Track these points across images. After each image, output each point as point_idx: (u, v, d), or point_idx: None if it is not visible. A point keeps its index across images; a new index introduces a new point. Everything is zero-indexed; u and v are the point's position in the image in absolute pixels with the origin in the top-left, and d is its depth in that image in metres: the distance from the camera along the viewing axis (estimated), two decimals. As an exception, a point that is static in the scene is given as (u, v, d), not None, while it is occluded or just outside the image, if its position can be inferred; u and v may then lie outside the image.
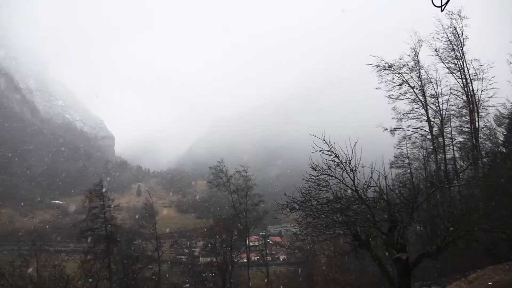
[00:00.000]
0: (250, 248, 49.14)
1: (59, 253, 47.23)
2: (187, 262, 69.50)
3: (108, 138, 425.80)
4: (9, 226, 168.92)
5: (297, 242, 15.67)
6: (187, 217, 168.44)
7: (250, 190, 42.46)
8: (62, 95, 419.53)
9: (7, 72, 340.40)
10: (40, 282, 28.75)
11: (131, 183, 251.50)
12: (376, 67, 30.02)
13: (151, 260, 39.93)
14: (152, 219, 42.35)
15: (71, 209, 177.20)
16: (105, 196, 35.54)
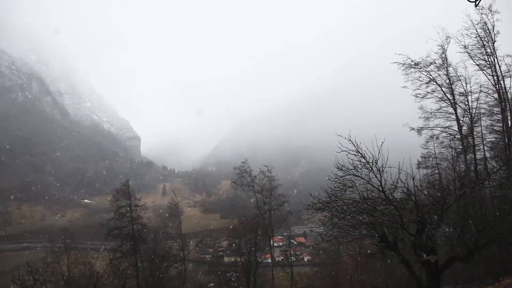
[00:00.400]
0: (274, 249, 49.02)
1: (88, 251, 48.52)
2: (211, 261, 70.08)
3: (134, 138, 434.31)
4: (41, 223, 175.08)
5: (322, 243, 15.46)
6: (212, 217, 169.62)
7: (274, 190, 42.35)
8: (90, 97, 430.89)
9: (39, 76, 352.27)
10: (70, 278, 29.59)
11: (157, 183, 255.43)
12: (402, 66, 29.36)
13: (177, 259, 40.37)
14: (177, 219, 42.82)
15: (99, 208, 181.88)
16: (131, 195, 36.13)
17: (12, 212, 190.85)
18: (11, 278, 28.89)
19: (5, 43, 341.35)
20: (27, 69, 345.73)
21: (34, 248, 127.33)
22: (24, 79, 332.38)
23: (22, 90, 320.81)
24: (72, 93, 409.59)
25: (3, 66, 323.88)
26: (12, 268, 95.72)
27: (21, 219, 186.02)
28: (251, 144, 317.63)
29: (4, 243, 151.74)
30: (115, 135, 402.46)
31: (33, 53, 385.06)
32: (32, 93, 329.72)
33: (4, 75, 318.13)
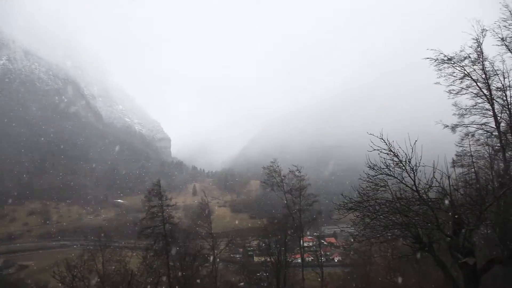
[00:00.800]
0: (304, 249, 48.58)
1: (122, 249, 49.70)
2: (241, 261, 70.34)
3: (164, 140, 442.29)
4: (77, 222, 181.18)
5: (354, 243, 15.14)
6: (241, 217, 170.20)
7: (304, 190, 41.96)
8: (121, 100, 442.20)
9: (74, 80, 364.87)
10: (105, 275, 30.42)
11: (187, 183, 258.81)
12: (434, 61, 28.37)
13: (207, 258, 40.77)
14: (208, 218, 43.13)
15: (131, 207, 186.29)
16: (163, 195, 36.67)
17: (50, 211, 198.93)
18: (52, 273, 30.09)
19: (44, 51, 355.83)
20: (63, 74, 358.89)
21: (71, 246, 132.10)
22: (60, 84, 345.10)
23: (58, 94, 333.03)
24: (105, 96, 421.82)
25: (41, 72, 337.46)
26: (51, 264, 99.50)
27: (59, 218, 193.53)
28: (280, 143, 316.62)
29: (44, 240, 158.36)
30: (146, 137, 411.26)
31: (68, 59, 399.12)
32: (67, 97, 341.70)
33: (42, 80, 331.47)
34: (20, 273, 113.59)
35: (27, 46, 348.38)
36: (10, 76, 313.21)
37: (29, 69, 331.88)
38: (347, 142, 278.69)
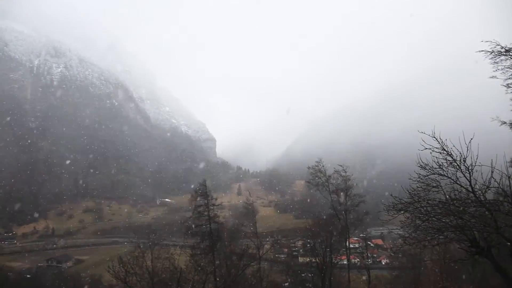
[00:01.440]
0: (350, 250, 47.53)
1: (170, 247, 51.06)
2: (286, 261, 70.11)
3: (210, 140, 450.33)
4: (128, 220, 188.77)
5: (404, 246, 14.43)
6: (286, 217, 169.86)
7: (349, 190, 40.97)
8: (168, 102, 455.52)
9: (123, 84, 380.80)
10: (154, 272, 31.36)
11: (232, 183, 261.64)
12: (490, 54, 26.65)
13: (252, 257, 40.91)
14: (253, 218, 43.31)
15: (178, 206, 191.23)
16: (208, 195, 37.16)
17: (103, 209, 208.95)
18: (106, 268, 31.51)
19: (96, 57, 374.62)
20: (114, 78, 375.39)
21: (122, 242, 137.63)
22: (111, 88, 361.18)
23: (109, 98, 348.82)
24: (153, 99, 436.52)
25: (94, 77, 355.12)
26: (104, 259, 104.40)
27: (111, 216, 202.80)
28: (324, 143, 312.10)
29: (97, 236, 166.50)
30: (192, 137, 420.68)
31: (118, 64, 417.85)
32: (118, 100, 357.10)
33: (95, 85, 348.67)
34: (76, 266, 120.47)
35: (81, 54, 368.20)
36: (67, 82, 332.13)
37: (83, 75, 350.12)
38: (394, 141, 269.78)
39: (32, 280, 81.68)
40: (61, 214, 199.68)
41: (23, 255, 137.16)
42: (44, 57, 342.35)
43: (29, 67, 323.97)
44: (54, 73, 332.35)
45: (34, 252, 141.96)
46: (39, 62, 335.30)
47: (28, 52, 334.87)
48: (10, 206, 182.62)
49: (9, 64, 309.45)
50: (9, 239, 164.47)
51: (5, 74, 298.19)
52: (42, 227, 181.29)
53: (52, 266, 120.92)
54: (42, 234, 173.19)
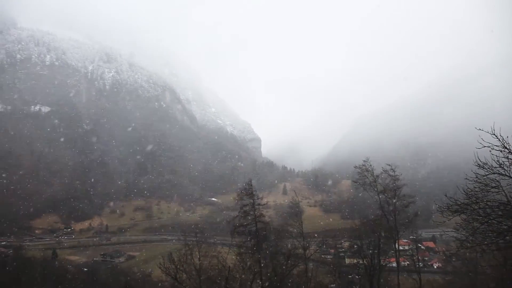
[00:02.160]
0: (400, 253, 45.87)
1: (216, 245, 51.90)
2: (333, 262, 68.96)
3: (255, 140, 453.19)
4: (176, 219, 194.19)
5: (460, 249, 13.61)
6: (332, 217, 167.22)
7: (398, 190, 39.47)
8: (214, 103, 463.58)
9: (170, 86, 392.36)
10: (201, 269, 32.01)
11: (277, 182, 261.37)
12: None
13: (298, 258, 40.62)
14: (299, 218, 42.93)
15: (224, 205, 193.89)
16: (254, 194, 37.23)
17: (152, 208, 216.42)
18: (158, 265, 32.68)
19: (145, 61, 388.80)
20: (161, 81, 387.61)
21: (171, 240, 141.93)
22: (159, 90, 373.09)
23: (157, 100, 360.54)
24: (199, 100, 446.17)
25: (143, 80, 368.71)
26: (154, 256, 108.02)
27: (160, 214, 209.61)
28: (371, 141, 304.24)
29: (147, 234, 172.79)
30: (237, 138, 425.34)
31: (165, 67, 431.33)
32: (165, 102, 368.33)
33: (144, 88, 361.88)
34: (128, 262, 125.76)
35: (131, 59, 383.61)
36: (118, 86, 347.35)
37: (133, 79, 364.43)
38: (446, 139, 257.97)
39: (89, 274, 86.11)
40: (113, 212, 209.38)
41: (80, 250, 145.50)
42: (97, 63, 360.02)
43: (84, 73, 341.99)
44: (106, 77, 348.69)
45: (90, 247, 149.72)
46: (92, 68, 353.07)
47: (83, 59, 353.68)
48: (68, 203, 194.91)
49: (66, 70, 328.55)
50: (68, 234, 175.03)
51: (63, 80, 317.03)
52: (97, 223, 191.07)
53: (106, 261, 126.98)
54: (97, 230, 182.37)
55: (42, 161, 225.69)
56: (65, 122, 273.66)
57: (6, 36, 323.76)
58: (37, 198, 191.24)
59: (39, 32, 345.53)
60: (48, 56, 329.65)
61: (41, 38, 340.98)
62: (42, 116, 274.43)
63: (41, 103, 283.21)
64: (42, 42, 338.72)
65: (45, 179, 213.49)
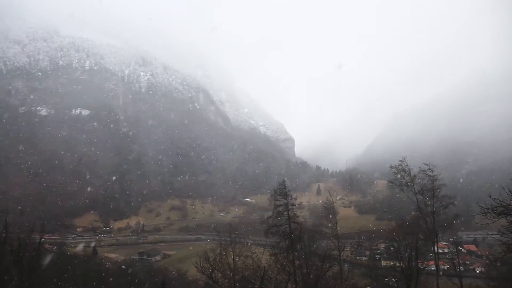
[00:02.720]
0: (439, 256, 44.38)
1: (250, 246, 52.08)
2: (368, 264, 67.60)
3: (288, 140, 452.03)
4: (210, 218, 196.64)
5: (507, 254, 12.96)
6: (367, 218, 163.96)
7: (437, 191, 38.19)
8: (247, 104, 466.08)
9: (204, 88, 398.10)
10: (236, 269, 32.27)
11: (311, 182, 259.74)
12: None
13: (333, 259, 40.16)
14: (333, 219, 42.41)
15: (258, 206, 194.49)
16: (288, 195, 37.10)
17: (187, 207, 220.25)
18: (193, 263, 33.27)
19: (179, 64, 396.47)
20: (195, 83, 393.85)
21: (205, 239, 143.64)
22: (193, 92, 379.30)
23: (192, 102, 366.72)
24: (232, 101, 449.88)
25: (177, 82, 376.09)
26: (189, 255, 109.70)
27: (194, 214, 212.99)
28: (407, 140, 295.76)
29: (182, 233, 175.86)
30: (270, 138, 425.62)
31: (199, 69, 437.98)
32: (199, 104, 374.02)
33: (178, 90, 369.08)
34: (164, 260, 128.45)
35: (165, 62, 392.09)
36: (153, 89, 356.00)
37: (168, 82, 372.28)
38: (488, 137, 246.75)
39: (126, 271, 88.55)
40: (150, 212, 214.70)
41: (118, 248, 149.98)
42: (133, 66, 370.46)
43: (120, 76, 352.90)
44: (142, 80, 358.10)
45: (127, 245, 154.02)
46: (129, 71, 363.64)
47: (120, 63, 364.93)
48: (107, 203, 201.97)
49: (104, 75, 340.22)
50: (107, 233, 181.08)
51: (101, 84, 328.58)
52: (134, 223, 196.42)
53: (143, 259, 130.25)
54: (134, 229, 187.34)
55: (82, 162, 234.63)
56: (104, 125, 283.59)
57: (49, 44, 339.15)
58: (79, 198, 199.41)
59: (79, 39, 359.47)
60: (88, 62, 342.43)
61: (81, 44, 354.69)
62: (82, 119, 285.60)
63: (81, 107, 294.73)
64: (82, 48, 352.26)
65: (85, 180, 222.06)
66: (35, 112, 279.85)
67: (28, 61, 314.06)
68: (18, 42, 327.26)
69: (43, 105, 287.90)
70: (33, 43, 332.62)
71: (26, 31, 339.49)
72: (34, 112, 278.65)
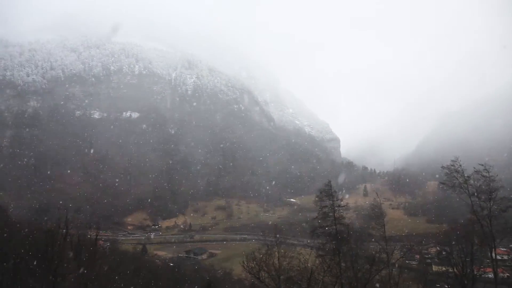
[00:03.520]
0: (497, 263, 41.78)
1: (295, 246, 51.80)
2: (418, 268, 65.10)
3: (334, 140, 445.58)
4: (255, 219, 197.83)
5: None
6: (417, 220, 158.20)
7: (494, 192, 35.97)
8: (291, 104, 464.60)
9: (248, 89, 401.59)
10: (281, 269, 32.22)
11: (357, 183, 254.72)
12: None
13: (380, 262, 39.06)
14: (381, 221, 41.26)
15: (303, 206, 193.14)
16: (334, 195, 36.57)
17: (232, 207, 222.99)
18: (240, 263, 33.66)
19: (223, 66, 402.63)
20: (240, 84, 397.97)
21: (250, 239, 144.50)
22: (238, 93, 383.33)
23: (236, 103, 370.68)
24: (276, 101, 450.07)
25: (222, 84, 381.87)
26: (234, 254, 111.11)
27: (239, 214, 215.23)
28: (460, 139, 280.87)
29: (228, 233, 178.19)
30: (316, 138, 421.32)
31: (243, 70, 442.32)
32: (244, 105, 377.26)
33: (223, 92, 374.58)
34: (210, 259, 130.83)
35: (210, 64, 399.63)
36: (199, 91, 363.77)
37: (213, 83, 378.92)
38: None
39: (174, 268, 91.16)
40: (196, 211, 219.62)
41: (166, 246, 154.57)
42: (180, 70, 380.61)
43: (168, 80, 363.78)
44: (188, 83, 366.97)
45: (175, 244, 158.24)
46: (175, 74, 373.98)
47: (167, 66, 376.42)
48: (156, 202, 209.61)
49: (152, 78, 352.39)
50: (156, 231, 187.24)
51: (149, 88, 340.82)
52: (181, 222, 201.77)
53: (190, 257, 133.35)
54: (181, 228, 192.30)
55: (132, 163, 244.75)
56: (152, 127, 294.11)
57: (102, 50, 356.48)
58: (129, 197, 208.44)
59: (128, 45, 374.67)
60: (137, 66, 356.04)
61: (130, 50, 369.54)
62: (132, 122, 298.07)
63: (131, 110, 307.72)
64: (132, 53, 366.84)
65: (135, 179, 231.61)
66: (90, 115, 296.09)
67: (83, 67, 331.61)
68: (74, 50, 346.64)
69: (96, 109, 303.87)
70: (87, 51, 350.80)
71: (81, 40, 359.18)
72: (88, 116, 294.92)
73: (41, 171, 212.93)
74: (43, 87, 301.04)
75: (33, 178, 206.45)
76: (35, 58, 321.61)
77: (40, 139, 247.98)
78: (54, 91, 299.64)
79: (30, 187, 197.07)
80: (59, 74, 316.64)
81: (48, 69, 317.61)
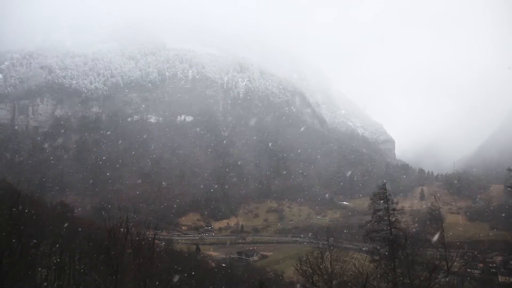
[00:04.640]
0: None
1: (348, 250, 50.77)
2: (482, 278, 61.31)
3: (388, 142, 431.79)
4: (307, 221, 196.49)
5: None
6: (479, 226, 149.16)
7: None
8: (343, 105, 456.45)
9: (300, 91, 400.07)
10: (334, 273, 31.77)
11: (413, 186, 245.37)
12: None
13: (439, 270, 37.23)
14: (439, 226, 39.34)
15: (356, 210, 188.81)
16: (389, 199, 35.50)
17: (284, 210, 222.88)
18: (294, 266, 33.73)
19: (274, 68, 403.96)
20: (291, 86, 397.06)
21: (302, 242, 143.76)
22: (289, 96, 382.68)
23: (288, 105, 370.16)
24: (328, 103, 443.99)
25: (273, 87, 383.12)
26: (286, 257, 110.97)
27: (291, 216, 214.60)
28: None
29: (279, 235, 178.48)
30: (369, 139, 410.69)
31: (294, 72, 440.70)
32: (295, 107, 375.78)
33: (274, 94, 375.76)
34: (262, 261, 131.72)
35: (261, 67, 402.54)
36: (251, 94, 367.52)
37: (264, 86, 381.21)
38: None
39: (227, 269, 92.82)
40: (248, 213, 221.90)
41: (219, 246, 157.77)
42: (232, 73, 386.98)
43: (220, 83, 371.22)
44: (240, 86, 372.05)
45: (227, 245, 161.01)
46: (228, 78, 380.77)
47: (219, 71, 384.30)
48: (209, 204, 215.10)
49: (205, 83, 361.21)
50: (209, 232, 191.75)
51: (202, 91, 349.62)
52: (233, 223, 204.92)
53: (242, 258, 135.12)
54: (233, 229, 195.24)
55: (186, 165, 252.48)
56: (205, 130, 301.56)
57: (157, 57, 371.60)
58: (183, 198, 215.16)
59: (182, 51, 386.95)
60: (190, 71, 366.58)
61: (184, 55, 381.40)
62: (187, 125, 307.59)
63: (185, 113, 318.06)
64: (185, 59, 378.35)
65: (189, 181, 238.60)
66: (146, 120, 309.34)
67: (140, 74, 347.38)
68: (132, 58, 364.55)
69: (152, 113, 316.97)
70: (144, 58, 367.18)
71: (138, 48, 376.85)
72: (145, 120, 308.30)
73: (102, 173, 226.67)
74: (104, 93, 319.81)
75: (95, 179, 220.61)
76: (97, 66, 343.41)
77: (101, 142, 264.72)
78: (114, 97, 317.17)
79: (92, 188, 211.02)
80: (118, 81, 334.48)
81: (109, 76, 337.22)
